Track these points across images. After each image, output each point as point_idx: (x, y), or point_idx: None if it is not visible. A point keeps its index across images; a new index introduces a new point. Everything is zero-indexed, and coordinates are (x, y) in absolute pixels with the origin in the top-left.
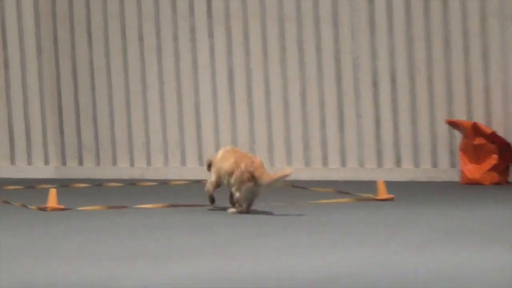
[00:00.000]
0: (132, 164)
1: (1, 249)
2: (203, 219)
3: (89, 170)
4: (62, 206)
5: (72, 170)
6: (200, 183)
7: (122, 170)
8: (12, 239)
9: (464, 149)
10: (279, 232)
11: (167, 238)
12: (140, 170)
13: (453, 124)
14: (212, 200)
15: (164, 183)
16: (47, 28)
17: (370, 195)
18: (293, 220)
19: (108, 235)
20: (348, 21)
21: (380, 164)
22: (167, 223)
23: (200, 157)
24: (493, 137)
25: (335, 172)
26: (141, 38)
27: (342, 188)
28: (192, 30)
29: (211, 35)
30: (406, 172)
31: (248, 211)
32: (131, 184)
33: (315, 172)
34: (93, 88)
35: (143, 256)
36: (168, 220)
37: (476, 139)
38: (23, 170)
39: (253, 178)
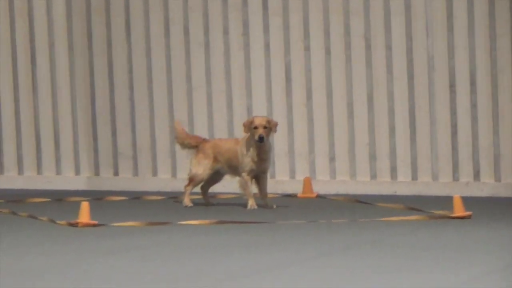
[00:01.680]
0: (174, 174)
1: (25, 269)
2: (254, 238)
3: (126, 181)
4: (95, 222)
5: (107, 181)
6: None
7: (164, 182)
8: (38, 258)
9: None
10: (341, 254)
11: (212, 259)
12: (183, 182)
13: None
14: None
15: (211, 196)
16: (80, 21)
17: (445, 212)
18: (356, 240)
19: (147, 256)
20: (422, 15)
21: (456, 177)
22: (214, 242)
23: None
24: None
25: (405, 186)
26: (186, 32)
27: (413, 205)
28: (245, 23)
29: (266, 29)
30: (486, 187)
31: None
32: (174, 197)
33: (382, 186)
34: (131, 88)
35: (186, 280)
36: (216, 239)
37: None
38: (51, 181)
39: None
